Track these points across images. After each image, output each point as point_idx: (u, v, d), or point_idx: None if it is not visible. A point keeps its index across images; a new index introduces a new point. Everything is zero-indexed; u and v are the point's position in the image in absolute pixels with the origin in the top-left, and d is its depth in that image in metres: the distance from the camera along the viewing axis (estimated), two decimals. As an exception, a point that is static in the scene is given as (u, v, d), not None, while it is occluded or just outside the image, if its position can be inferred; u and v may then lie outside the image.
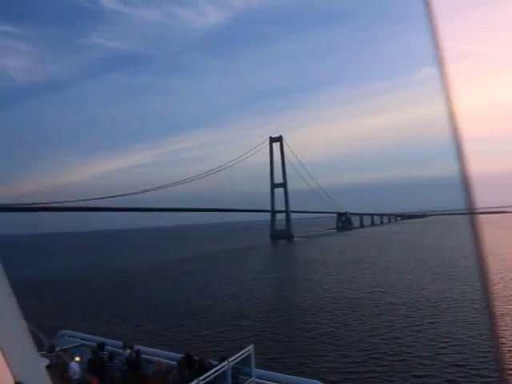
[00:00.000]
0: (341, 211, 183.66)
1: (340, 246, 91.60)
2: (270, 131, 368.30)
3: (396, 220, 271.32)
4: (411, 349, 20.71)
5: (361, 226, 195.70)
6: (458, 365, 18.32)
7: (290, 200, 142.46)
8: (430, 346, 21.00)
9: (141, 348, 11.10)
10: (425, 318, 26.47)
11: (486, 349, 19.69)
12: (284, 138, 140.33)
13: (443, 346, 20.86)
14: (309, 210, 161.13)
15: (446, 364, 18.48)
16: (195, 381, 8.57)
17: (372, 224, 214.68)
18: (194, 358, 10.14)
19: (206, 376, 8.80)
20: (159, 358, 10.21)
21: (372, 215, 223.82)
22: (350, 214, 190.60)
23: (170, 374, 9.66)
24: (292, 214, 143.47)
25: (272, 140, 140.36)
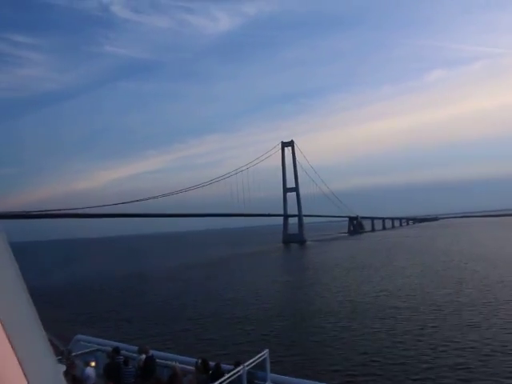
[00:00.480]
0: (352, 215, 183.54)
1: (351, 250, 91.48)
2: (280, 136, 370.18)
3: (408, 223, 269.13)
4: (412, 352, 21.02)
5: (372, 229, 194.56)
6: (458, 369, 18.45)
7: (302, 204, 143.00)
8: (431, 349, 21.25)
9: (155, 353, 11.10)
10: (432, 321, 26.77)
11: (487, 352, 20.01)
12: (295, 142, 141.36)
13: (443, 349, 21.04)
14: (321, 214, 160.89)
15: (448, 368, 18.64)
16: None
17: (383, 228, 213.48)
18: (209, 363, 10.12)
19: (221, 381, 8.77)
20: (174, 363, 10.18)
21: (383, 219, 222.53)
22: (362, 217, 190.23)
23: (186, 378, 9.74)
24: (304, 218, 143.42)
25: (284, 145, 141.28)
